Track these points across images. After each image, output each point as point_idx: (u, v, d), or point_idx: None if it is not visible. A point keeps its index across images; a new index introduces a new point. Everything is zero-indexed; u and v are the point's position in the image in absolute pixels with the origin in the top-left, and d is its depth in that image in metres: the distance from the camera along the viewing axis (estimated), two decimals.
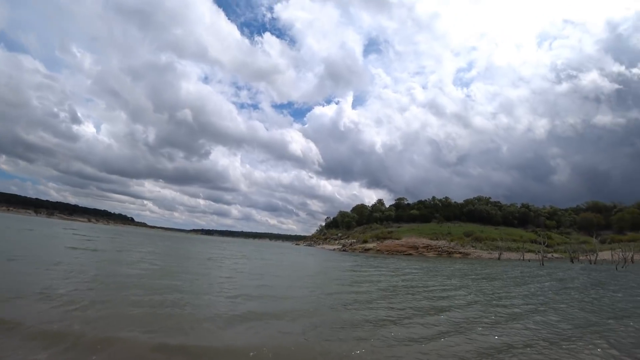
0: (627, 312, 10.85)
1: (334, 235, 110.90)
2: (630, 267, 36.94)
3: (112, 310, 7.64)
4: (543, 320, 9.23)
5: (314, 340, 6.72)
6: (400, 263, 36.81)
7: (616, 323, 9.18)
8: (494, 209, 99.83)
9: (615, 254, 44.72)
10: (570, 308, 11.31)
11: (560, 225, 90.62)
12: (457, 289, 15.46)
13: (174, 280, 12.45)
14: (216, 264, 21.63)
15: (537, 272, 27.54)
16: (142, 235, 67.02)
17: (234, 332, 6.95)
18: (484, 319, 9.21)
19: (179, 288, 10.88)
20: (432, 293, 13.76)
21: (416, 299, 12.25)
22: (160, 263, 18.24)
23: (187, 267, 18.10)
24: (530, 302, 12.39)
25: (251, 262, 26.32)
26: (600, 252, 52.58)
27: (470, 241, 73.09)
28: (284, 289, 13.09)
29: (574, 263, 47.45)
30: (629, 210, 79.82)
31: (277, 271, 20.41)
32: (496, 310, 10.59)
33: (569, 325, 8.82)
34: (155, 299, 9.00)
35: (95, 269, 13.53)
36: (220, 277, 15.10)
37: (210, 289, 11.46)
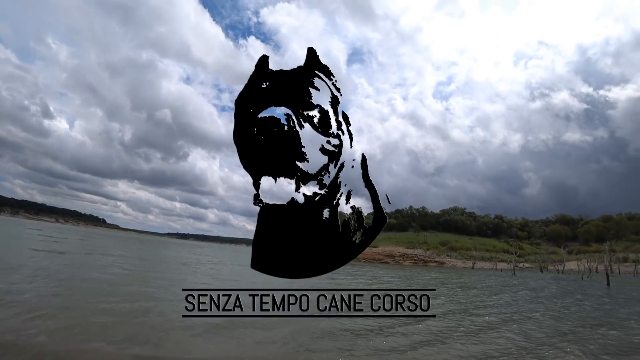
0: (596, 320, 11.25)
1: None
2: (595, 277, 38.61)
3: (79, 319, 7.14)
4: (519, 329, 9.41)
5: (296, 351, 6.52)
6: (377, 271, 36.94)
7: (586, 331, 9.50)
8: (468, 220, 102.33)
9: (581, 265, 46.72)
10: (543, 317, 11.60)
11: (531, 236, 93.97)
12: (433, 298, 15.53)
13: (146, 286, 11.90)
14: (191, 270, 20.98)
15: (510, 282, 28.33)
16: (114, 238, 64.45)
17: (210, 342, 6.64)
18: (461, 328, 9.28)
19: (152, 295, 10.40)
20: None
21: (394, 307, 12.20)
22: (132, 268, 17.49)
23: (161, 272, 17.42)
24: (505, 311, 12.64)
25: (227, 268, 25.72)
26: (568, 262, 54.89)
27: (446, 250, 74.56)
28: None
29: (543, 273, 49.17)
30: (594, 223, 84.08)
31: (253, 278, 19.93)
32: (473, 319, 10.70)
33: (542, 333, 9.02)
34: (127, 307, 8.53)
35: (61, 273, 12.75)
36: (195, 283, 14.60)
37: (183, 297, 11.01)
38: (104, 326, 6.87)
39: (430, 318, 10.30)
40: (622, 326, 10.44)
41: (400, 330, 8.69)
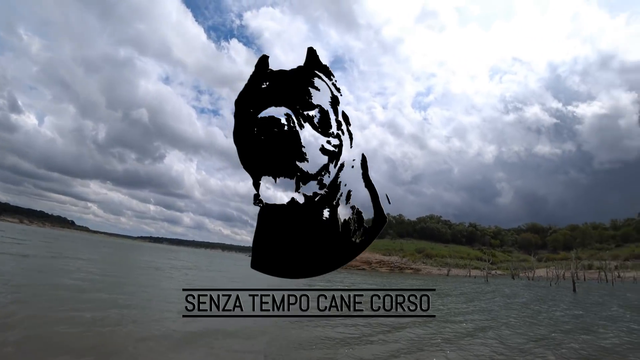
0: (568, 325, 11.68)
1: None
2: (562, 283, 40.27)
3: (41, 330, 6.64)
4: (497, 335, 9.59)
5: None
6: (354, 278, 37.01)
7: (559, 336, 9.83)
8: (444, 227, 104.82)
9: (550, 272, 48.66)
10: (519, 322, 11.91)
11: (504, 244, 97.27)
12: None
13: (117, 293, 11.31)
14: (165, 275, 20.22)
15: (485, 289, 29.05)
16: (83, 241, 61.52)
17: (184, 354, 6.32)
18: (441, 335, 9.34)
19: (123, 302, 9.87)
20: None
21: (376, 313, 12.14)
22: (101, 273, 16.65)
23: (133, 278, 16.68)
24: (482, 317, 12.87)
25: (203, 273, 24.99)
26: (537, 269, 57.11)
27: (422, 257, 75.87)
28: None
29: (515, 279, 50.81)
30: (562, 232, 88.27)
31: (229, 284, 19.47)
32: (452, 326, 10.81)
33: (520, 339, 9.23)
34: (95, 316, 8.03)
35: (23, 278, 11.93)
36: (169, 289, 14.00)
37: (158, 304, 10.49)
38: (69, 337, 6.41)
39: (411, 325, 10.47)
40: (591, 331, 10.86)
41: (381, 337, 8.67)
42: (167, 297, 12.09)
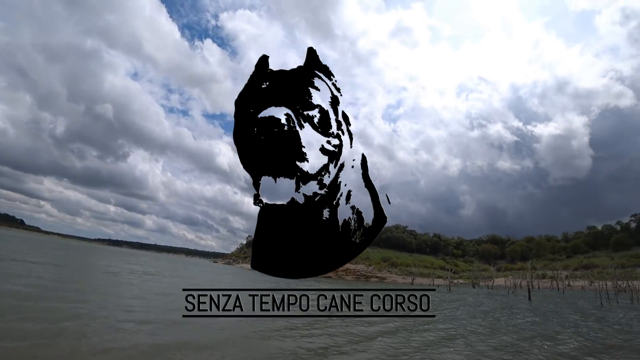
0: (531, 333, 12.28)
1: None
2: (519, 292, 42.58)
3: None
4: (466, 343, 9.87)
5: None
6: (320, 285, 36.87)
7: (523, 343, 10.33)
8: (409, 237, 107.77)
9: (507, 281, 51.31)
10: (485, 330, 12.37)
11: (465, 254, 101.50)
12: (377, 315, 15.69)
13: (70, 301, 10.44)
14: (125, 281, 19.00)
15: (449, 297, 29.99)
16: (33, 242, 56.72)
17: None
18: (411, 345, 9.50)
19: (77, 311, 9.11)
20: (350, 319, 13.64)
21: (343, 324, 12.10)
22: (52, 278, 15.35)
23: (88, 284, 15.50)
24: (450, 326, 13.22)
25: (166, 279, 23.79)
26: (496, 278, 60.03)
27: (387, 266, 77.34)
28: None
29: (475, 288, 52.96)
30: (519, 244, 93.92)
31: None
32: (421, 335, 11.00)
33: (488, 346, 9.55)
34: (45, 328, 7.32)
35: None
36: (129, 297, 13.16)
37: (115, 313, 9.77)
38: (14, 354, 5.78)
39: (382, 335, 10.55)
40: (551, 337, 11.49)
41: (351, 347, 8.65)
42: (127, 305, 11.33)
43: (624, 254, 70.13)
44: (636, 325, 15.65)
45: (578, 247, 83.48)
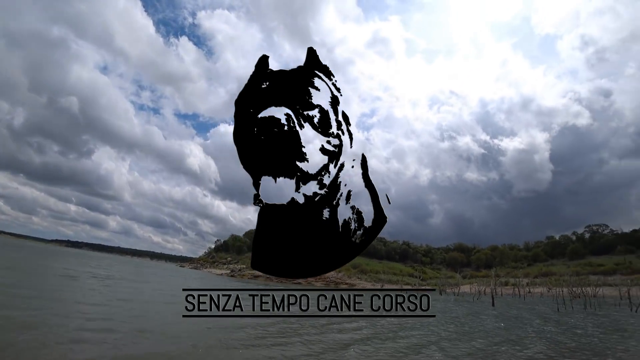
0: (499, 338, 12.83)
1: (223, 260, 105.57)
2: (483, 298, 44.32)
3: None
4: (439, 349, 10.11)
5: None
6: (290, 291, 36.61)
7: (493, 348, 10.73)
8: (379, 244, 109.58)
9: (472, 288, 53.30)
10: (457, 336, 12.74)
11: (433, 261, 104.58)
12: (349, 322, 15.73)
13: (21, 308, 9.67)
14: (85, 286, 17.88)
15: None
16: None
17: None
18: (385, 351, 9.61)
19: (31, 321, 8.43)
20: (331, 326, 13.69)
21: (319, 332, 12.06)
22: (3, 282, 14.19)
23: (44, 289, 14.39)
24: (423, 333, 13.49)
25: (131, 284, 22.66)
26: (462, 285, 62.18)
27: (357, 273, 78.15)
28: (168, 322, 11.30)
29: (442, 295, 54.51)
30: (484, 252, 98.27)
31: (159, 297, 17.91)
32: (395, 342, 11.17)
33: (461, 352, 9.86)
34: None
35: None
36: (90, 304, 12.36)
37: (75, 322, 9.10)
38: None
39: (356, 343, 10.60)
40: (518, 342, 12.08)
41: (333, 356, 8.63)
42: (87, 313, 10.58)
43: (578, 263, 75.22)
44: (591, 329, 16.72)
45: (538, 256, 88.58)
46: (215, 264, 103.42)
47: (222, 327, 10.95)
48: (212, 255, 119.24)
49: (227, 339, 9.51)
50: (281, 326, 12.37)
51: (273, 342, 9.52)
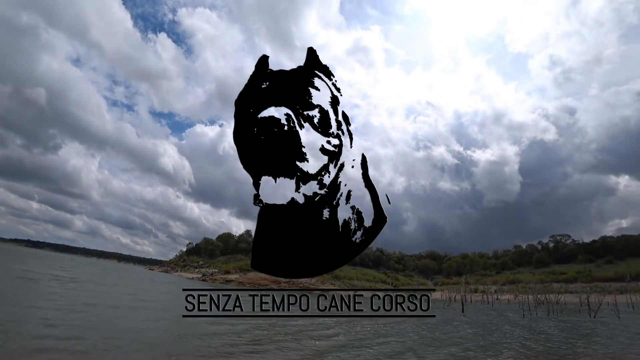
0: (474, 343, 13.20)
1: (195, 263, 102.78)
2: (454, 305, 45.47)
3: None
4: (417, 356, 10.26)
5: None
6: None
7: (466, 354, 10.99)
8: None
9: (443, 295, 54.69)
10: (433, 342, 12.99)
11: (406, 268, 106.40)
12: (328, 328, 15.70)
13: None
14: (46, 290, 16.81)
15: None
16: None
17: None
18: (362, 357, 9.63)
19: None
20: (305, 333, 13.57)
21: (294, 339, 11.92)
22: None
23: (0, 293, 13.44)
24: (400, 339, 13.62)
25: (95, 288, 21.53)
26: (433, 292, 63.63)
27: (330, 279, 78.29)
28: (138, 328, 10.84)
29: None
30: (455, 260, 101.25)
31: (128, 301, 17.15)
32: (373, 349, 11.23)
33: (438, 358, 10.04)
34: None
35: None
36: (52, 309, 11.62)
37: (35, 329, 8.54)
38: None
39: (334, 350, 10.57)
40: (490, 347, 12.47)
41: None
42: (49, 319, 9.90)
43: (543, 271, 79.00)
44: (557, 334, 17.54)
45: (506, 264, 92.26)
46: (186, 268, 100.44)
47: (196, 334, 10.64)
48: (183, 259, 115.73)
49: (201, 346, 9.25)
50: (255, 333, 12.16)
51: (249, 350, 9.35)
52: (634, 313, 33.69)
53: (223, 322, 13.36)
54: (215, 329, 11.10)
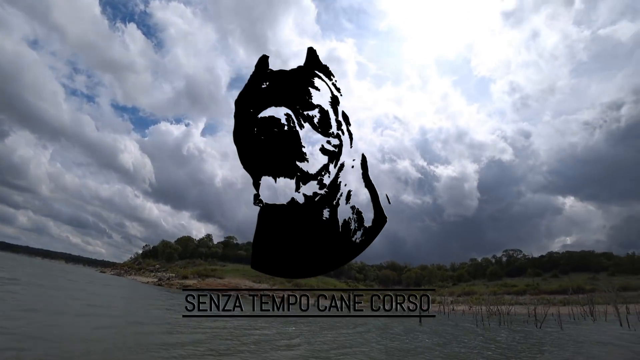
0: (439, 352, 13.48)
1: (151, 266, 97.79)
2: None
3: None
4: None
5: None
6: None
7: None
8: None
9: None
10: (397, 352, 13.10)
11: (367, 278, 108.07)
12: (291, 339, 15.42)
13: None
14: None
15: (354, 321, 31.11)
16: None
17: None
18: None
19: None
20: (271, 344, 13.19)
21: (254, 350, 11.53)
22: None
23: None
24: (367, 349, 13.60)
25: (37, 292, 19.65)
26: None
27: (291, 286, 77.76)
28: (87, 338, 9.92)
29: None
30: (414, 271, 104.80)
31: (77, 307, 15.83)
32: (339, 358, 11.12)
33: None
34: None
35: None
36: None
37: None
38: None
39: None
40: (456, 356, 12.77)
41: None
42: None
43: (496, 283, 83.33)
44: (512, 343, 18.42)
45: (462, 276, 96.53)
46: (141, 271, 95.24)
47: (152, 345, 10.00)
48: (138, 261, 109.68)
49: (158, 358, 8.68)
50: (215, 342, 11.66)
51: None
52: (575, 323, 36.24)
53: (184, 332, 12.69)
54: (176, 338, 10.49)
